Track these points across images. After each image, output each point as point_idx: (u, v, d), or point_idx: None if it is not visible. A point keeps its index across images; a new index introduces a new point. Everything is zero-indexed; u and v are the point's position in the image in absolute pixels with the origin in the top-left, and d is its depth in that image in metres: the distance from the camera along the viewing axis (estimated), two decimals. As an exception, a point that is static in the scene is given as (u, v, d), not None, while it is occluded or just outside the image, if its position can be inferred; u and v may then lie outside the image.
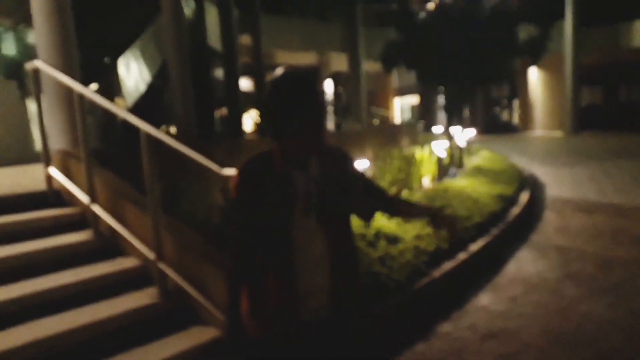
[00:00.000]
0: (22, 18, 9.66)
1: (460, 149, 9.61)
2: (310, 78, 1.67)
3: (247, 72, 15.65)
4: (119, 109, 3.63)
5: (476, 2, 8.83)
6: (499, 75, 10.29)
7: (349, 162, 1.91)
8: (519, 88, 27.35)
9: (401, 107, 32.51)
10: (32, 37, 6.47)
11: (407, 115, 31.71)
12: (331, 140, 1.97)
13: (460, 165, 9.63)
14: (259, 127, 15.61)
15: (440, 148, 8.17)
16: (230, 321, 1.82)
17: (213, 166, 3.15)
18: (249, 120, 17.11)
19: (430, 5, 9.05)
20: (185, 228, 3.84)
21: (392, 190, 6.92)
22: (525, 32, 10.15)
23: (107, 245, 3.85)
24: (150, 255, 3.43)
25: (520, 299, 4.38)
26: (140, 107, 11.15)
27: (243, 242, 1.79)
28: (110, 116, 10.63)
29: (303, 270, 1.74)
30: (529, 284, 4.73)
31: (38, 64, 4.35)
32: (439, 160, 8.27)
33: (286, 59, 19.09)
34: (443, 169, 8.42)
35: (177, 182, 4.85)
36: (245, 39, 15.34)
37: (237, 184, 1.76)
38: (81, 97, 3.86)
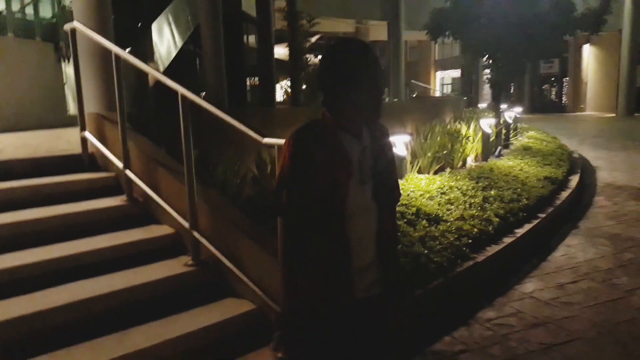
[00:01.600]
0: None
1: (507, 127, 9.19)
2: (369, 47, 1.69)
3: (281, 40, 15.34)
4: (156, 72, 3.46)
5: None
6: (554, 50, 9.69)
7: (389, 138, 1.87)
8: (571, 66, 26.15)
9: (442, 81, 31.67)
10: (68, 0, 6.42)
11: (448, 90, 30.87)
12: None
13: (506, 144, 9.23)
14: (291, 96, 15.39)
15: (486, 125, 7.80)
16: (287, 297, 1.76)
17: (253, 134, 2.97)
18: (282, 89, 16.91)
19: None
20: (219, 197, 3.71)
21: (433, 169, 6.67)
22: (583, 3, 9.53)
23: (140, 212, 3.76)
24: (185, 223, 3.32)
25: (568, 288, 4.13)
26: (172, 73, 11.02)
27: (297, 214, 1.71)
28: (142, 80, 10.57)
29: (357, 245, 1.70)
30: (578, 272, 4.46)
31: (76, 24, 4.21)
32: (485, 137, 7.90)
33: (323, 27, 18.61)
34: (488, 148, 8.07)
35: (210, 150, 4.72)
36: (280, 4, 14.98)
37: (290, 152, 1.69)
38: (118, 58, 3.72)
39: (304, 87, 14.98)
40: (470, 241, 4.29)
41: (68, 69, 8.58)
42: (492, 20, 8.39)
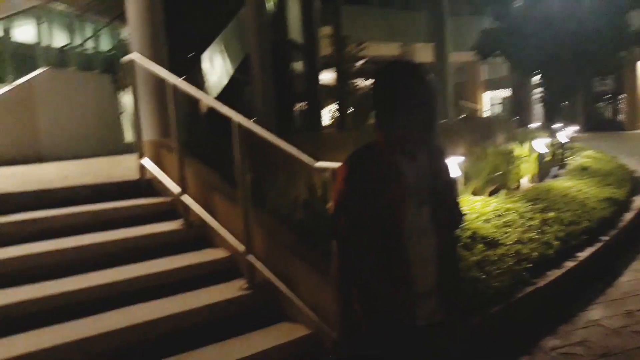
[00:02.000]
0: (116, 16, 10.13)
1: (562, 147, 8.86)
2: (419, 67, 1.68)
3: (327, 65, 15.52)
4: (213, 100, 3.56)
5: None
6: (609, 67, 9.38)
7: (444, 156, 1.85)
8: (627, 83, 25.11)
9: (491, 101, 31.10)
10: (125, 33, 6.77)
11: (497, 110, 30.26)
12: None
13: (562, 164, 8.89)
14: (338, 120, 15.49)
15: (541, 145, 7.55)
16: (343, 322, 1.73)
17: (305, 158, 2.98)
18: (328, 114, 17.03)
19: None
20: (273, 221, 3.73)
21: (487, 190, 6.49)
22: (638, 19, 9.19)
23: (196, 236, 3.82)
24: (240, 247, 3.34)
25: (638, 315, 3.86)
26: (222, 101, 11.30)
27: (354, 238, 1.69)
28: (195, 108, 10.88)
29: (417, 269, 1.66)
30: (648, 298, 4.19)
31: (134, 56, 4.41)
32: (540, 158, 7.64)
33: (369, 51, 18.73)
34: (544, 168, 7.79)
35: (262, 174, 4.77)
36: (326, 31, 15.22)
37: (345, 176, 1.68)
38: (174, 88, 3.85)
39: (350, 111, 15.05)
40: (530, 265, 4.12)
41: (124, 99, 8.99)
42: (543, 39, 8.20)
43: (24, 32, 7.87)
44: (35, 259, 3.15)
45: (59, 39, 7.96)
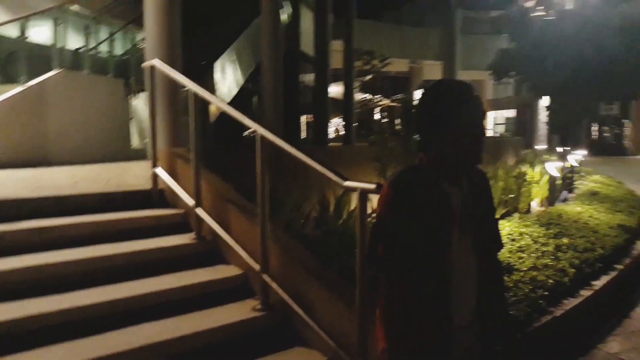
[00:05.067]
0: (132, 20, 10.12)
1: (572, 171, 8.78)
2: (469, 87, 1.60)
3: (337, 78, 15.54)
4: (233, 110, 3.48)
5: (604, 8, 7.95)
6: (628, 93, 9.30)
7: (488, 184, 1.78)
8: (632, 108, 25.05)
9: (495, 120, 31.11)
10: (140, 38, 6.74)
11: (501, 130, 30.23)
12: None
13: (570, 188, 8.81)
14: (344, 134, 15.46)
15: (553, 168, 7.48)
16: (391, 349, 1.60)
17: (333, 176, 2.85)
18: (333, 127, 17.00)
19: (550, 12, 8.33)
20: (289, 238, 3.63)
21: (499, 213, 6.40)
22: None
23: (208, 251, 3.72)
24: (254, 265, 3.24)
25: (659, 351, 3.76)
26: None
27: (401, 267, 1.59)
28: (204, 117, 10.84)
29: (459, 301, 1.59)
30: (668, 332, 4.08)
31: (155, 62, 4.33)
32: (552, 181, 7.57)
33: (378, 66, 18.73)
34: (554, 192, 7.71)
35: (276, 188, 4.69)
36: (336, 45, 15.25)
37: (389, 201, 1.59)
38: (194, 96, 3.77)
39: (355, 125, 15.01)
40: (546, 293, 4.02)
41: (134, 104, 8.94)
42: (561, 62, 8.15)
43: (39, 33, 7.83)
44: (36, 271, 3.01)
45: (73, 41, 7.91)
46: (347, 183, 2.59)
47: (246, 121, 3.28)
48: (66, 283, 3.03)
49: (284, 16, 12.80)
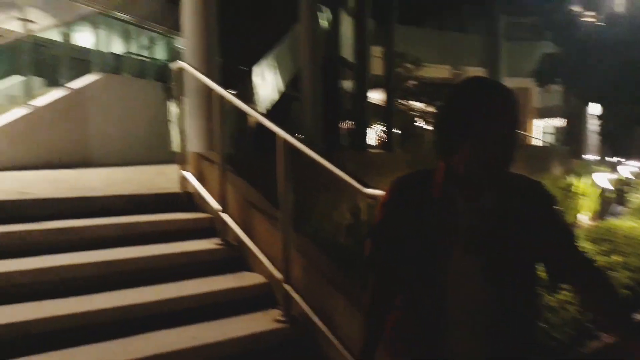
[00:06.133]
0: (172, 25, 10.30)
1: (625, 183, 8.26)
2: (503, 88, 1.36)
3: (377, 84, 15.35)
4: (256, 112, 3.39)
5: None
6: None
7: (541, 197, 1.44)
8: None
9: (542, 129, 30.02)
10: (179, 43, 6.85)
11: (548, 139, 29.15)
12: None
13: (622, 201, 8.29)
14: (385, 141, 15.26)
15: (604, 180, 7.03)
16: (362, 354, 1.56)
17: (354, 183, 2.73)
18: (374, 134, 16.82)
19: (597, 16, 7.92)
20: (313, 248, 3.48)
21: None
22: None
23: (232, 257, 3.61)
24: (277, 274, 3.11)
25: None
26: (272, 116, 11.29)
27: (384, 273, 1.50)
28: (243, 122, 10.90)
29: (454, 327, 1.36)
30: None
31: (183, 64, 4.32)
32: (602, 194, 7.12)
33: (419, 72, 18.43)
34: (604, 205, 7.25)
35: (304, 195, 4.56)
36: (377, 50, 15.09)
37: (386, 203, 1.49)
38: (220, 99, 3.70)
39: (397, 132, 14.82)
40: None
41: (174, 108, 9.07)
42: (610, 68, 7.70)
43: (82, 37, 8.06)
44: (55, 273, 2.97)
45: (115, 45, 8.11)
46: (369, 191, 2.44)
47: (267, 123, 3.17)
48: (86, 285, 2.98)
49: (323, 22, 12.76)
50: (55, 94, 6.82)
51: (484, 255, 1.35)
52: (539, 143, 27.04)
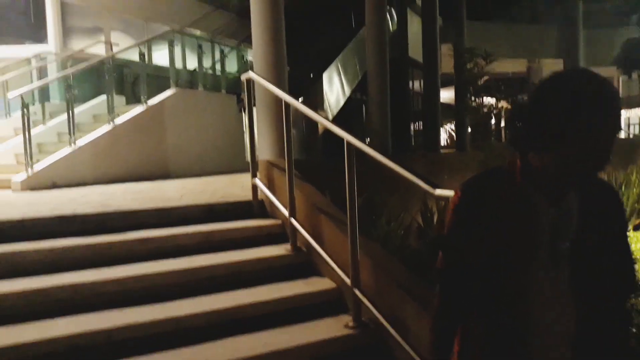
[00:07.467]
0: (243, 39, 10.65)
1: None
2: (602, 80, 1.19)
3: (448, 83, 14.98)
4: (321, 118, 3.41)
5: None
6: None
7: (618, 203, 1.36)
8: None
9: (627, 120, 27.95)
10: (250, 55, 7.08)
11: (634, 130, 27.08)
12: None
13: None
14: (457, 140, 14.85)
15: None
16: None
17: (423, 184, 2.65)
18: (445, 133, 16.41)
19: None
20: (382, 251, 3.45)
21: (632, 223, 5.61)
22: None
23: (303, 262, 3.66)
24: (346, 279, 3.10)
25: None
26: (340, 120, 11.43)
27: (456, 282, 1.35)
28: (313, 128, 11.05)
29: (540, 345, 1.25)
30: None
31: (252, 74, 4.44)
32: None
33: (492, 67, 17.78)
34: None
35: (374, 197, 4.52)
36: (445, 48, 14.74)
37: (456, 208, 1.33)
38: (288, 107, 3.77)
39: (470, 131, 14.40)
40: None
41: (246, 118, 9.35)
42: None
43: (158, 54, 8.51)
44: (135, 281, 3.13)
45: (189, 60, 8.50)
46: (439, 191, 2.36)
47: (334, 128, 3.18)
48: (167, 293, 3.12)
49: (390, 23, 12.67)
50: (135, 110, 7.25)
51: (569, 264, 1.25)
52: (623, 135, 25.15)
